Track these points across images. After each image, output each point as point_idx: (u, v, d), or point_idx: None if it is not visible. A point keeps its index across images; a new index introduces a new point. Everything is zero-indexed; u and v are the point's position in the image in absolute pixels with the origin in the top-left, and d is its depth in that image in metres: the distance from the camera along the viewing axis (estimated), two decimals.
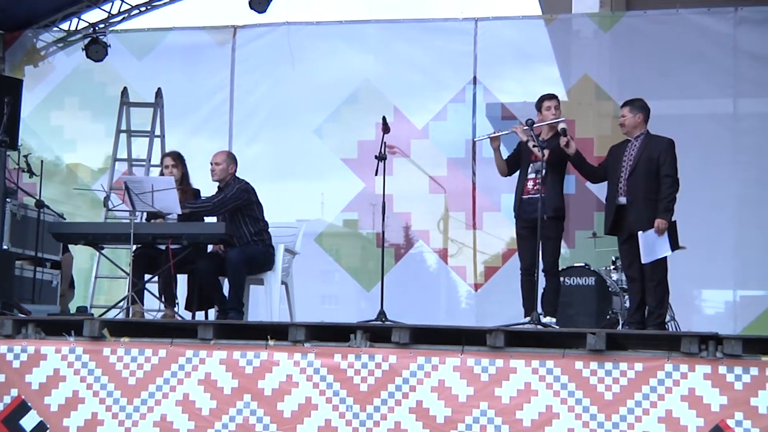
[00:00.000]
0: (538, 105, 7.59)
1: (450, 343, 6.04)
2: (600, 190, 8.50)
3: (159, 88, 10.32)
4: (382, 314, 7.43)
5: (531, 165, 7.44)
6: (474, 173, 10.54)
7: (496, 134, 7.56)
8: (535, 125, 7.33)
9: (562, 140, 7.34)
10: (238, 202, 7.80)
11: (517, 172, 7.63)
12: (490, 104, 10.66)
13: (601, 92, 10.42)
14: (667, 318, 7.85)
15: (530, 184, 7.43)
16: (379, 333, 6.13)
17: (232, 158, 8.06)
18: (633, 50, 10.41)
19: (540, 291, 7.44)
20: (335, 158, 10.79)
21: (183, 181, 8.00)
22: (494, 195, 10.45)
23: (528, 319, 7.10)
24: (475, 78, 10.64)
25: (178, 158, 8.14)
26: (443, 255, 10.62)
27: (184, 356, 6.22)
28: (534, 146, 7.31)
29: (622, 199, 7.27)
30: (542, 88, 9.18)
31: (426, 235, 10.67)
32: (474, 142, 10.47)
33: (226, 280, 7.79)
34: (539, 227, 7.06)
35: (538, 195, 7.12)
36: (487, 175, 10.35)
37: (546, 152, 7.24)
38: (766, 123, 10.11)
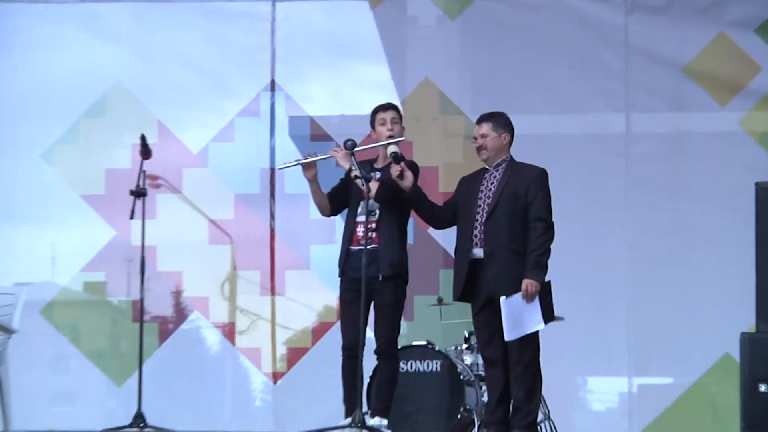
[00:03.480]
0: (372, 119, 7.54)
1: None
2: (447, 239, 8.44)
3: None
4: (139, 418, 7.45)
5: (362, 203, 7.31)
6: (273, 216, 10.54)
7: (307, 160, 7.41)
8: (356, 149, 7.23)
9: (394, 169, 7.20)
10: None
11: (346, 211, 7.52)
12: (294, 118, 10.70)
13: (447, 103, 10.54)
14: (540, 416, 7.91)
15: (360, 229, 7.34)
16: None
17: None
18: (490, 46, 10.53)
19: (367, 380, 7.59)
20: (73, 194, 10.60)
21: None
22: (301, 246, 10.49)
23: (348, 420, 7.06)
24: (273, 82, 10.66)
25: None
26: (229, 332, 10.55)
27: None
28: (357, 177, 7.18)
29: (478, 252, 7.26)
30: (367, 97, 9.45)
31: (204, 304, 10.58)
32: (273, 172, 10.46)
33: None
34: (363, 291, 7.04)
35: (370, 246, 7.13)
36: (291, 218, 10.43)
37: (374, 186, 7.17)
38: (662, 147, 10.47)
